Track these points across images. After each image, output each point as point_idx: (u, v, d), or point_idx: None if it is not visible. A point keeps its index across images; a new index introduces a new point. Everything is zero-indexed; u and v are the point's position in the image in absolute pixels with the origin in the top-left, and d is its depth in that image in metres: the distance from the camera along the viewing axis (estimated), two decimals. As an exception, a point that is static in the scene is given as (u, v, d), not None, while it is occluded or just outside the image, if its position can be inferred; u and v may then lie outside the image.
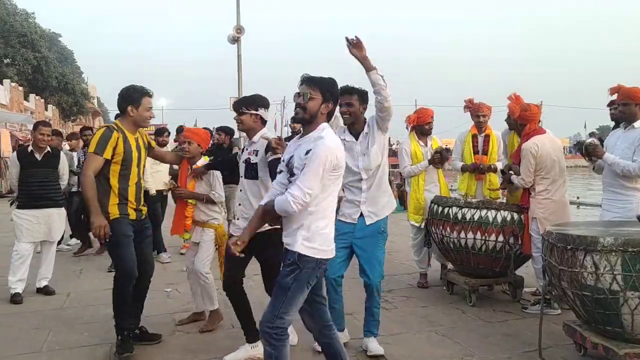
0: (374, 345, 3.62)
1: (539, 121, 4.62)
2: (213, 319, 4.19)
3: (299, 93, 2.75)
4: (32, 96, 29.32)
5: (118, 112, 3.83)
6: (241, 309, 3.59)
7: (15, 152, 5.46)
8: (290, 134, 8.50)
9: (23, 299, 4.98)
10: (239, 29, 18.00)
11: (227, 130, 7.76)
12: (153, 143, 4.04)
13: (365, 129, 3.61)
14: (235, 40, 18.17)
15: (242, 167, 3.57)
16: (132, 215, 3.65)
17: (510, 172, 4.64)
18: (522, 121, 4.53)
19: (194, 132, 4.37)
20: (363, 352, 3.65)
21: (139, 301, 3.86)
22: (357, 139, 3.63)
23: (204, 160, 4.26)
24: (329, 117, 2.81)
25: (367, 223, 3.60)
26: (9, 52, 33.14)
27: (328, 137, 2.66)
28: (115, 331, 3.66)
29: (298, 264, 2.63)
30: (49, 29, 39.65)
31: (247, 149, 3.56)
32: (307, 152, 2.61)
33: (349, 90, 3.56)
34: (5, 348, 3.86)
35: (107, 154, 3.50)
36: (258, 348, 3.43)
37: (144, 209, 3.82)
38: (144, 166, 3.85)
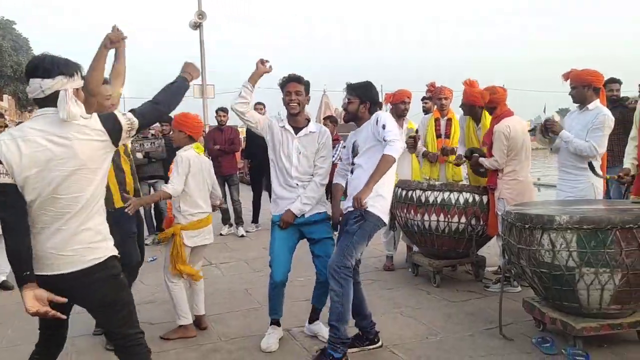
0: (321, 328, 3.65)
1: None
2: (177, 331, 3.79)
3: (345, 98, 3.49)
4: (-15, 86, 28.17)
5: None
6: None
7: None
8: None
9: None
10: (201, 15, 17.64)
11: None
12: None
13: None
14: (197, 26, 17.81)
15: None
16: None
17: (475, 154, 4.69)
18: (492, 104, 4.55)
19: None
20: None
21: None
22: None
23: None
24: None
25: None
26: (-42, 40, 31.73)
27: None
28: None
29: (363, 216, 3.17)
30: (2, 17, 37.92)
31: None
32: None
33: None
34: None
35: None
36: None
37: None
38: None
